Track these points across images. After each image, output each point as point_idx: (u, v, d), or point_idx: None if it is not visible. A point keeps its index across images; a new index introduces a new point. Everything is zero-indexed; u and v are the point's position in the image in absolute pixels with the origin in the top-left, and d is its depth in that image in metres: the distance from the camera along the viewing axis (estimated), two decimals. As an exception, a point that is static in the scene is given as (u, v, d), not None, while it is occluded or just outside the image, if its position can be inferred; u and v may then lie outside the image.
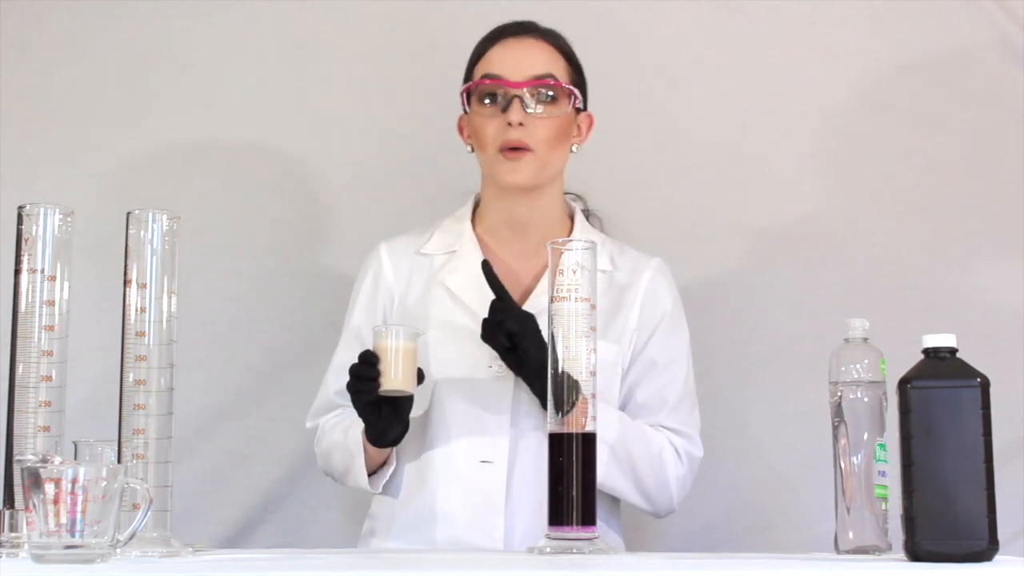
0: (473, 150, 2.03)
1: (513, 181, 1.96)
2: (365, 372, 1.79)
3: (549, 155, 1.97)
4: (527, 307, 1.96)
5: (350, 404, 1.99)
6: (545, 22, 2.06)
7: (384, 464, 1.97)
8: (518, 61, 1.97)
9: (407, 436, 1.91)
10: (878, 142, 2.53)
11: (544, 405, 1.72)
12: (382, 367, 1.79)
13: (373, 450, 1.92)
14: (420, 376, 1.82)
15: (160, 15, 2.58)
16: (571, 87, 1.99)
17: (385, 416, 1.83)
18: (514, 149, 1.95)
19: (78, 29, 2.58)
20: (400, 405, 1.83)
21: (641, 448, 1.94)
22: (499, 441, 1.93)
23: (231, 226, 2.54)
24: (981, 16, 2.51)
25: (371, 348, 1.81)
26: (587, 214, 2.14)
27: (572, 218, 2.09)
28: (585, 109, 2.05)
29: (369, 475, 1.96)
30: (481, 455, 1.93)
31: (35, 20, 2.57)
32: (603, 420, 1.73)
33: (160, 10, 2.58)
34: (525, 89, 1.95)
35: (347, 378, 1.86)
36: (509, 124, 1.94)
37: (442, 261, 2.04)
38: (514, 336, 1.84)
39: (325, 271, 2.19)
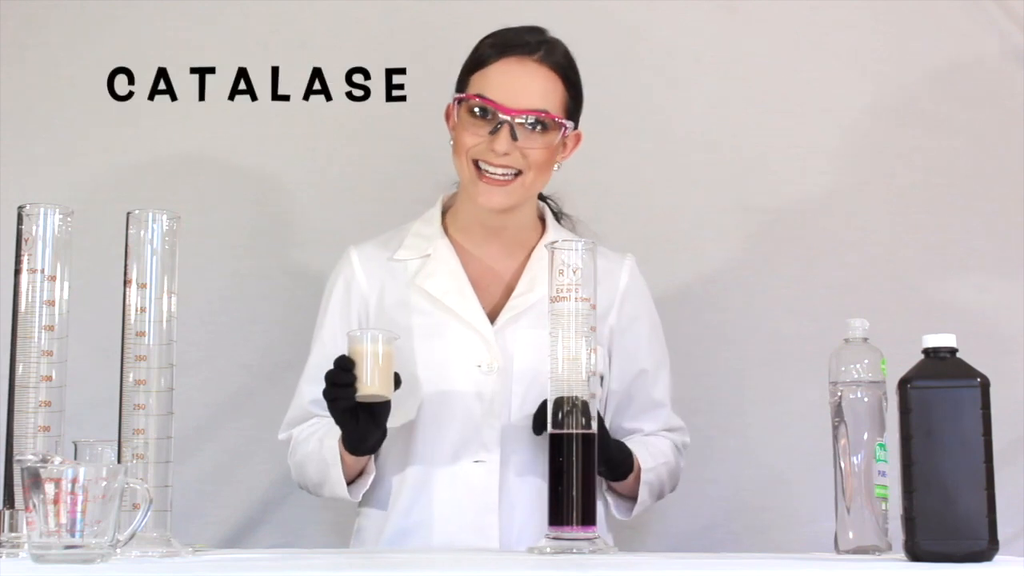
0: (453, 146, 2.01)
1: (487, 204, 1.94)
2: (341, 378, 1.74)
3: (536, 180, 1.95)
4: (510, 306, 1.97)
5: (325, 413, 1.99)
6: (544, 22, 2.05)
7: (362, 473, 1.95)
8: (515, 88, 1.92)
9: (392, 444, 1.90)
10: (878, 142, 2.53)
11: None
12: (358, 372, 1.73)
13: (350, 458, 1.89)
14: (397, 381, 1.78)
15: (160, 15, 2.58)
16: (563, 121, 1.94)
17: (363, 423, 1.79)
18: (498, 170, 1.92)
19: (78, 29, 2.58)
20: (377, 412, 1.79)
21: (665, 470, 2.00)
22: (491, 441, 1.92)
23: (231, 226, 2.54)
24: (981, 16, 2.51)
25: (346, 354, 1.75)
26: (558, 215, 2.13)
27: (543, 219, 2.07)
28: (576, 128, 2.00)
29: (348, 484, 1.93)
30: (474, 455, 1.92)
31: (35, 20, 2.57)
32: (643, 464, 1.94)
33: (160, 10, 2.58)
34: (517, 118, 1.90)
35: (321, 387, 1.83)
36: (493, 150, 1.90)
37: (417, 266, 2.01)
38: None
39: (325, 270, 2.19)
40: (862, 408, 1.60)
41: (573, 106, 1.99)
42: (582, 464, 1.57)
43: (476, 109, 1.93)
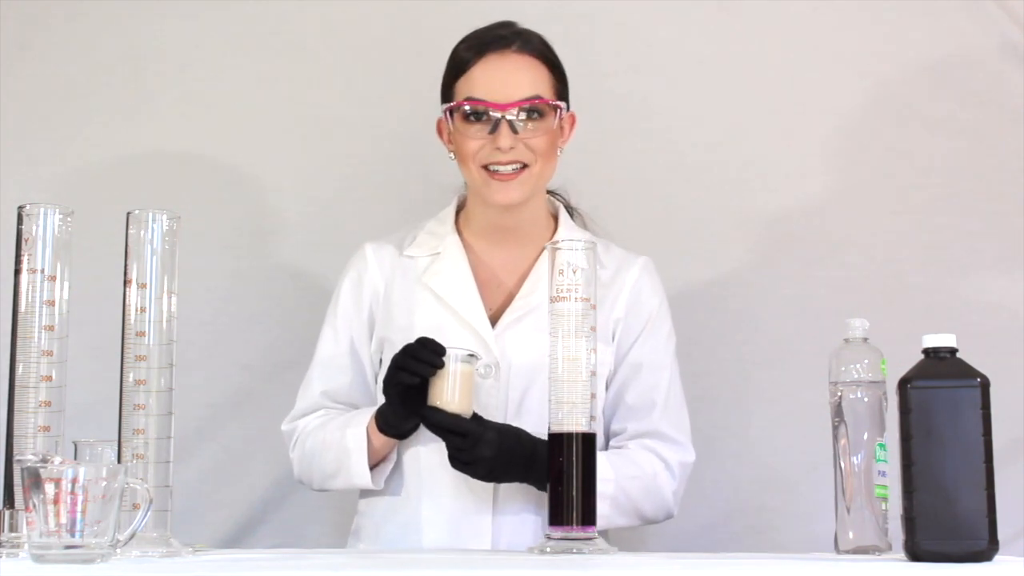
0: (455, 157, 2.01)
1: (504, 200, 1.94)
2: (423, 355, 1.77)
3: (545, 169, 1.96)
4: (512, 309, 1.97)
5: (335, 405, 1.99)
6: (544, 22, 2.05)
7: (383, 460, 1.95)
8: (503, 83, 1.93)
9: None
10: (878, 142, 2.53)
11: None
12: (442, 388, 1.77)
13: (379, 443, 1.90)
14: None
15: (159, 15, 2.58)
16: (557, 103, 1.95)
17: (408, 407, 1.81)
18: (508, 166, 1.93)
19: (78, 29, 2.58)
20: (422, 407, 1.80)
21: (638, 485, 1.91)
22: None
23: (231, 226, 2.54)
24: (981, 16, 2.51)
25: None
26: (570, 211, 2.13)
27: (556, 217, 2.07)
28: (567, 109, 2.01)
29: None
30: None
31: (35, 20, 2.57)
32: (600, 475, 1.68)
33: (159, 10, 2.58)
34: (512, 111, 1.91)
35: (332, 376, 1.86)
36: (498, 149, 1.91)
37: (426, 263, 2.02)
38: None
39: (325, 270, 2.20)
40: (862, 408, 1.60)
41: (561, 87, 2.00)
42: (582, 464, 1.57)
43: (470, 114, 1.94)
